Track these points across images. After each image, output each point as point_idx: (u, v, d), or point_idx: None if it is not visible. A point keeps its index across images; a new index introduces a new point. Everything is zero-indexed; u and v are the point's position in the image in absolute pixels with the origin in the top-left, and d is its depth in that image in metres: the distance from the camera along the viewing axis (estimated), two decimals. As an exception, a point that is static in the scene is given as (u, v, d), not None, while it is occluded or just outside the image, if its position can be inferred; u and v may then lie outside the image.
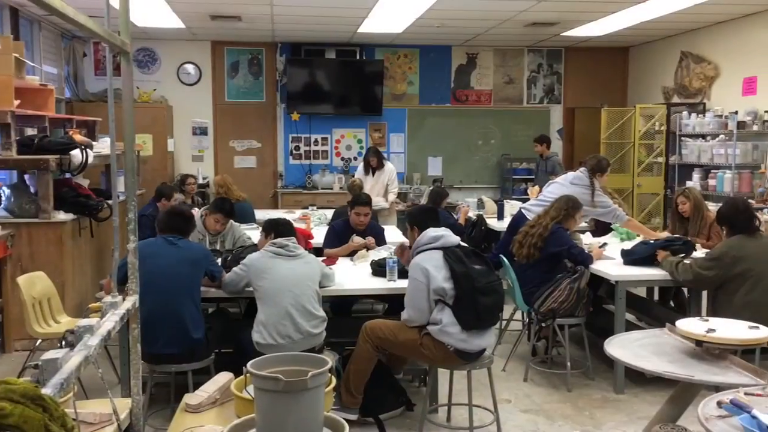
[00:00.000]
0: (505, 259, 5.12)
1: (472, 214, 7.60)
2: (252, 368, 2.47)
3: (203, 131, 10.28)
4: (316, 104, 10.25)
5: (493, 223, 7.16)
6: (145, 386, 3.83)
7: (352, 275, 4.49)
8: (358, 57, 10.34)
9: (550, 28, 8.99)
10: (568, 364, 4.63)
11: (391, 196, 8.17)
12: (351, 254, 5.08)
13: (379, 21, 8.33)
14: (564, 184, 5.82)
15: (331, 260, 4.80)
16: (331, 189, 10.11)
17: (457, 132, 10.71)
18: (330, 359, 3.66)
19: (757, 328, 3.11)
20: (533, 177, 10.54)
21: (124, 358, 4.00)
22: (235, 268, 3.92)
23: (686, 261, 4.49)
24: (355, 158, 10.64)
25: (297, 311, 3.70)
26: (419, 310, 3.63)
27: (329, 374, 2.56)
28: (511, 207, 7.29)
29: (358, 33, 9.20)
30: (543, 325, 4.81)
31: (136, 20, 8.23)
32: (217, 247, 5.07)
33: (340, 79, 10.26)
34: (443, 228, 3.78)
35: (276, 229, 4.00)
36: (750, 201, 6.55)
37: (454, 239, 3.71)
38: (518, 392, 4.56)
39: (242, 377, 2.83)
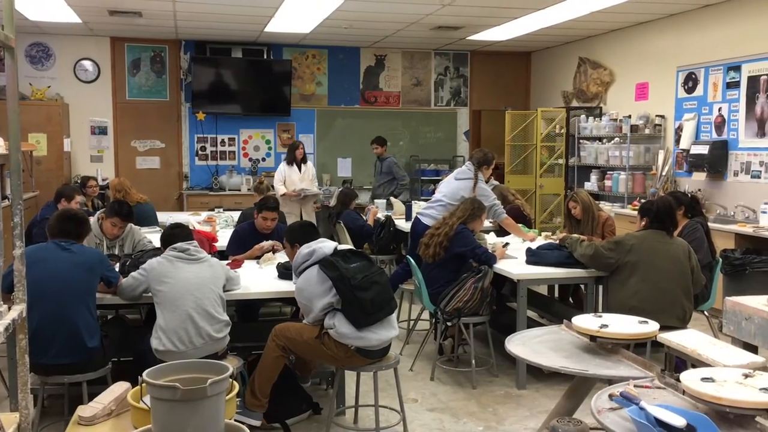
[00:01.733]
0: (412, 260, 5.17)
1: (381, 215, 7.64)
2: (149, 377, 2.39)
3: (103, 131, 9.88)
4: (222, 104, 10.05)
5: (401, 224, 7.21)
6: (36, 399, 3.65)
7: (258, 278, 4.42)
8: (265, 56, 10.21)
9: (455, 32, 9.17)
10: (473, 362, 4.73)
11: (316, 188, 8.44)
12: (257, 257, 5.00)
13: (286, 21, 8.25)
14: (450, 181, 5.97)
15: (236, 263, 4.71)
16: (239, 190, 9.93)
17: (367, 133, 10.70)
18: (233, 365, 3.62)
19: (647, 323, 3.26)
20: (441, 178, 10.75)
21: (12, 370, 3.78)
22: (133, 273, 3.78)
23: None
24: (264, 159, 10.51)
25: (199, 315, 3.60)
26: (313, 319, 3.69)
27: (231, 381, 2.50)
28: (420, 208, 7.37)
29: (265, 32, 9.09)
30: (449, 324, 4.88)
31: (27, 13, 7.81)
32: (116, 252, 4.88)
33: (247, 79, 10.09)
34: (315, 241, 3.80)
35: (170, 241, 3.86)
36: (642, 200, 6.90)
37: (327, 248, 3.71)
38: (425, 391, 4.61)
39: (139, 387, 2.72)
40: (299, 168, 8.21)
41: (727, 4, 7.08)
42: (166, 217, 6.75)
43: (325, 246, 3.73)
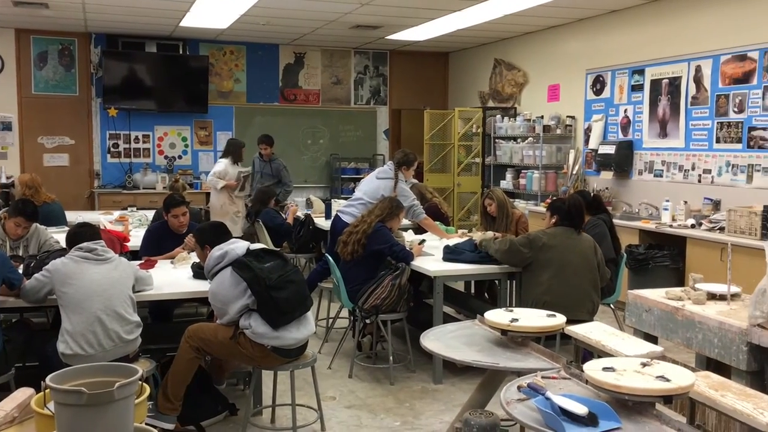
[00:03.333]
0: (330, 258, 5.17)
1: (301, 213, 7.61)
2: (52, 381, 2.30)
3: (7, 126, 9.41)
4: (136, 100, 9.75)
5: (321, 222, 7.21)
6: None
7: (172, 278, 4.32)
8: (181, 52, 9.97)
9: (374, 32, 9.22)
10: (391, 358, 4.78)
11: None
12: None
13: (202, 16, 8.09)
14: (371, 180, 6.02)
15: (149, 264, 4.59)
16: (154, 189, 9.67)
17: (286, 131, 10.66)
18: (145, 367, 3.53)
19: (554, 316, 3.38)
20: (361, 176, 10.79)
21: None
22: (36, 275, 3.62)
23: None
24: (180, 157, 10.26)
25: (108, 317, 3.49)
26: (228, 320, 3.64)
27: (141, 383, 2.44)
28: (340, 206, 7.38)
29: (181, 27, 8.88)
30: (367, 321, 4.92)
31: None
32: (20, 253, 4.66)
33: (162, 75, 9.84)
34: (227, 242, 3.76)
35: (76, 240, 3.72)
36: (555, 198, 7.13)
37: (240, 249, 3.68)
38: (343, 389, 4.63)
39: (42, 392, 2.62)
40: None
41: (632, 10, 7.41)
42: (75, 217, 6.50)
43: (237, 247, 3.68)
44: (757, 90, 6.02)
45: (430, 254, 5.29)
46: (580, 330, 3.32)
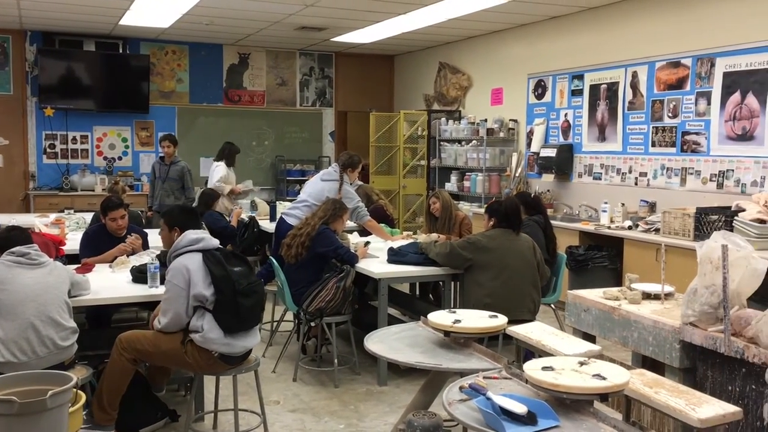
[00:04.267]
0: (274, 261, 5.13)
1: (245, 215, 7.52)
2: (-20, 392, 2.22)
3: (-65, 125, 9.04)
4: (73, 99, 9.49)
5: (265, 224, 7.14)
6: None
7: (110, 282, 4.21)
8: (121, 51, 9.75)
9: (319, 33, 9.19)
10: (336, 361, 4.77)
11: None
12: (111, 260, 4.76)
13: (142, 14, 7.93)
14: (315, 182, 6.02)
15: (86, 267, 4.46)
16: (93, 191, 9.42)
17: (231, 132, 10.51)
18: (80, 375, 3.43)
19: (496, 317, 3.43)
20: (307, 178, 10.74)
21: None
22: (-35, 281, 3.48)
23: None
24: (120, 158, 10.03)
25: (42, 322, 3.37)
26: (177, 315, 3.50)
27: (75, 391, 2.38)
28: (285, 208, 7.32)
29: (120, 25, 8.68)
30: (312, 324, 4.90)
31: None
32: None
33: (101, 74, 9.60)
34: (203, 230, 3.68)
35: (6, 245, 3.57)
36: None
37: (214, 242, 3.63)
38: (287, 392, 4.60)
39: (-29, 403, 2.52)
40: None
41: (571, 16, 7.58)
42: (8, 219, 6.27)
43: (212, 239, 3.63)
44: (690, 96, 6.23)
45: (375, 256, 5.30)
46: (521, 330, 3.37)
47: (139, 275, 4.16)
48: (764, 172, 5.60)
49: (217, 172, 8.03)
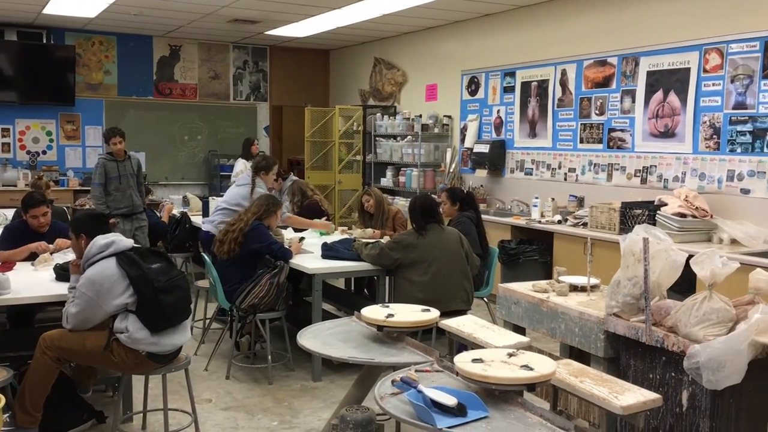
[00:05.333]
0: (207, 258, 5.05)
1: (177, 211, 7.37)
2: None
3: None
4: (-7, 90, 9.09)
5: (197, 220, 7.00)
6: None
7: (33, 281, 4.05)
8: (45, 41, 9.38)
9: (253, 26, 9.07)
10: (269, 357, 4.73)
11: None
12: (32, 258, 4.58)
13: (67, 3, 7.66)
14: (232, 187, 6.02)
15: (6, 266, 4.28)
16: (15, 186, 9.05)
17: (162, 126, 10.30)
18: (1, 376, 3.29)
19: (429, 310, 3.46)
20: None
21: None
22: None
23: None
24: (44, 152, 9.67)
25: (-42, 325, 3.22)
26: (84, 322, 3.40)
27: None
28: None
29: (44, 14, 8.36)
30: (245, 321, 4.84)
31: None
32: None
33: (23, 65, 9.23)
34: (112, 233, 3.57)
35: None
36: (434, 195, 7.31)
37: (127, 243, 3.50)
38: (220, 390, 4.53)
39: None
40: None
41: (503, 14, 7.70)
42: None
43: (124, 240, 3.50)
44: (615, 94, 6.43)
45: (310, 252, 5.28)
46: (453, 323, 3.41)
47: (63, 273, 4.02)
48: (685, 168, 5.83)
49: (235, 167, 8.28)
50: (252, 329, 5.13)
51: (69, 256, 4.42)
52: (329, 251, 5.13)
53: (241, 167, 8.13)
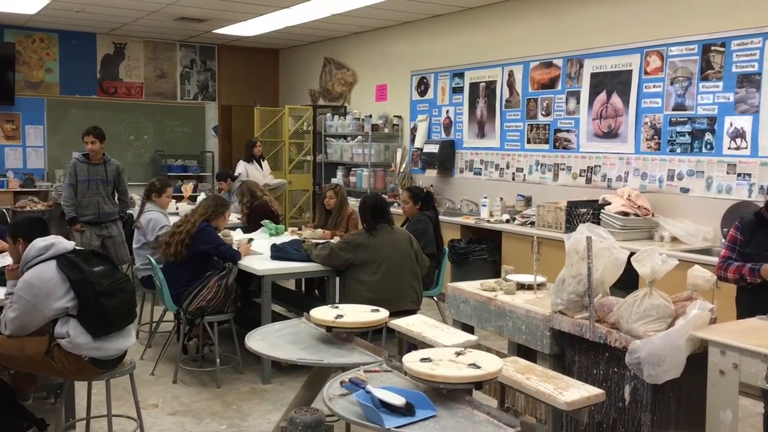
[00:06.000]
0: (152, 260, 4.95)
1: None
2: None
3: None
4: (-73, 88, 8.75)
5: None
6: None
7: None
8: (-18, 37, 9.08)
9: (200, 25, 8.94)
10: (218, 360, 4.67)
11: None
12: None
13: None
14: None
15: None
16: (-50, 187, 8.72)
17: (107, 126, 9.76)
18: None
19: (378, 310, 3.46)
20: (190, 174, 10.45)
21: None
22: None
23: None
24: (-18, 152, 9.35)
25: None
26: (23, 328, 3.29)
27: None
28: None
29: (-19, 10, 8.08)
30: (194, 324, 4.77)
31: None
32: None
33: (-41, 61, 8.90)
34: (52, 236, 3.47)
35: None
36: (384, 195, 7.33)
37: (68, 245, 3.40)
38: (167, 395, 4.45)
39: None
40: (260, 165, 8.20)
41: (452, 15, 7.77)
42: None
43: (64, 242, 3.40)
44: (561, 95, 6.55)
45: (259, 253, 5.23)
46: (402, 323, 3.43)
47: (2, 277, 3.89)
48: (627, 168, 5.97)
49: (236, 170, 8.11)
50: (200, 332, 5.06)
51: (7, 260, 4.28)
52: (279, 252, 5.09)
53: (241, 169, 8.05)
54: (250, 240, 5.39)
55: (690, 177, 5.49)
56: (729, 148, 5.22)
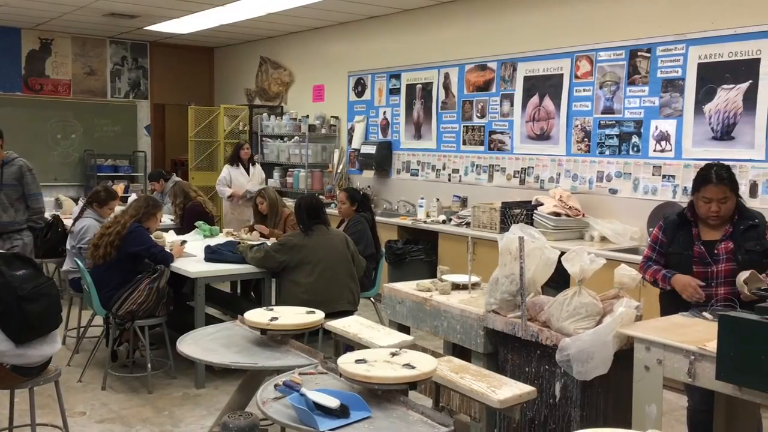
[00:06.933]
0: (80, 263, 4.79)
1: (48, 214, 6.93)
2: None
3: None
4: None
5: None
6: None
7: None
8: None
9: (131, 21, 8.71)
10: (149, 365, 4.55)
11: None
12: None
13: None
14: None
15: None
16: None
17: (32, 124, 9.68)
18: None
19: (314, 312, 3.44)
20: (121, 174, 10.17)
21: None
22: None
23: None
24: None
25: None
26: None
27: None
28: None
29: None
30: (124, 328, 4.64)
31: None
32: None
33: None
34: None
35: None
36: (321, 196, 7.30)
37: None
38: (95, 402, 4.32)
39: None
40: (246, 170, 7.61)
41: (388, 17, 7.80)
42: None
43: None
44: (495, 97, 6.66)
45: (192, 255, 5.13)
46: (339, 325, 3.41)
47: None
48: (559, 170, 6.12)
49: (220, 176, 7.70)
50: (131, 337, 4.92)
51: None
52: (213, 254, 5.00)
53: (225, 174, 7.63)
54: (183, 242, 5.28)
55: (618, 178, 5.66)
56: (654, 151, 5.41)
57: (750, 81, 4.84)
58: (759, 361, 2.29)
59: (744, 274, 2.99)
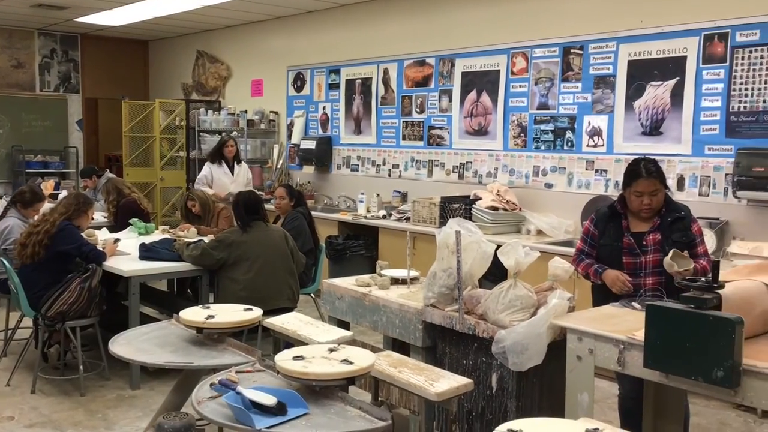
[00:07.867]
0: (6, 262, 4.61)
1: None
2: None
3: None
4: None
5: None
6: None
7: None
8: None
9: (60, 12, 8.42)
10: (81, 367, 4.42)
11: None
12: None
13: None
14: None
15: None
16: None
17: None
18: None
19: (251, 309, 3.39)
20: (51, 170, 9.84)
21: None
22: None
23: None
24: None
25: None
26: None
27: None
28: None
29: None
30: (54, 329, 4.49)
31: None
32: None
33: None
34: None
35: None
36: (261, 192, 7.22)
37: None
38: (24, 406, 4.17)
39: None
40: (231, 169, 7.01)
41: (327, 12, 7.75)
42: None
43: None
44: (434, 93, 6.71)
45: (126, 253, 5.01)
46: (277, 321, 3.38)
47: None
48: (497, 164, 6.21)
49: (200, 174, 7.12)
50: (61, 338, 4.76)
51: None
52: (147, 252, 4.89)
53: (205, 172, 7.07)
54: (117, 240, 5.15)
55: (553, 173, 5.78)
56: (587, 146, 5.55)
57: (677, 78, 5.01)
58: (684, 349, 2.37)
59: (669, 255, 3.06)
